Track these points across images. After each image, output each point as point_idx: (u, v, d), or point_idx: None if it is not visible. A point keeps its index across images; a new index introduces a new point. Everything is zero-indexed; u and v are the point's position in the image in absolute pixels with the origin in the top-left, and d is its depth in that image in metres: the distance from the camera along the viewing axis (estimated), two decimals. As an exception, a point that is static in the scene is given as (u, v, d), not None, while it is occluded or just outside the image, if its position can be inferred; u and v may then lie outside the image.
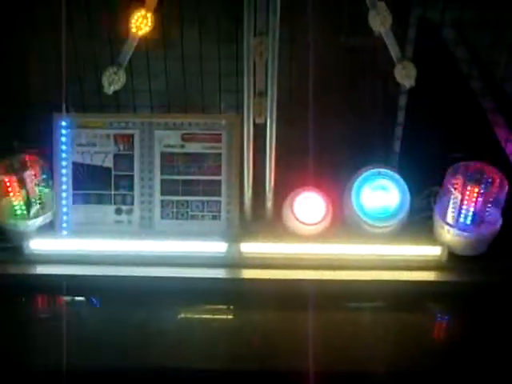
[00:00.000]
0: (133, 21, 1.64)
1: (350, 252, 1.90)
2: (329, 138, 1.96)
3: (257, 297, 1.87)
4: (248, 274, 1.90)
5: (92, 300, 1.94)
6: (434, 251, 1.87)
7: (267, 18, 1.65)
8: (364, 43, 1.81)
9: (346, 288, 1.88)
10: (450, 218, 1.87)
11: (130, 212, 1.92)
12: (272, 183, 1.91)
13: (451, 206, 1.86)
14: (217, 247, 1.89)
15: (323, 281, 1.88)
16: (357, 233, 1.91)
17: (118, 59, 1.71)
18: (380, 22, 1.66)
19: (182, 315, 1.86)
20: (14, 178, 1.90)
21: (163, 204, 1.91)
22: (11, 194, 1.92)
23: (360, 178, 1.89)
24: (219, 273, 1.90)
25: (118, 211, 1.92)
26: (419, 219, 1.96)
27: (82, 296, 1.92)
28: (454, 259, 1.88)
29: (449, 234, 1.86)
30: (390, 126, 1.95)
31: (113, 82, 1.71)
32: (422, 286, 1.86)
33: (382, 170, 1.89)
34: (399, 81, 1.73)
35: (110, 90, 1.73)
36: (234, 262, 1.90)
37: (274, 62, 1.71)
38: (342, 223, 1.94)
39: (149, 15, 1.65)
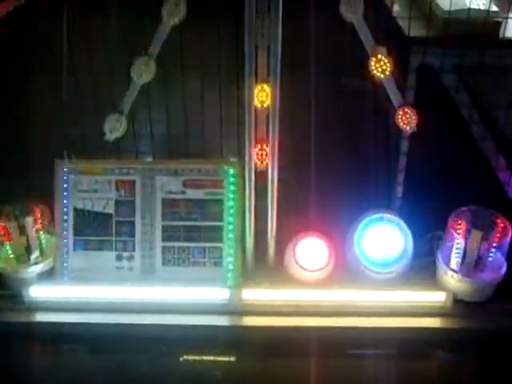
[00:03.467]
0: (135, 68, 1.65)
1: (353, 298, 1.88)
2: (331, 184, 1.97)
3: (258, 344, 1.85)
4: (249, 321, 1.88)
5: (92, 347, 1.92)
6: (438, 297, 1.85)
7: (268, 65, 1.66)
8: (365, 87, 1.81)
9: (350, 335, 1.86)
10: (453, 264, 1.85)
11: (130, 258, 1.90)
12: (274, 229, 1.89)
13: (455, 251, 1.85)
14: (218, 294, 1.88)
15: (326, 328, 1.86)
16: (360, 278, 1.89)
17: (119, 107, 1.71)
18: (380, 69, 1.67)
19: (184, 362, 1.84)
20: (15, 225, 1.89)
21: (164, 250, 1.90)
22: (12, 240, 1.91)
23: (362, 224, 1.88)
24: (221, 320, 1.88)
25: (119, 257, 1.90)
26: (422, 264, 1.94)
27: (82, 343, 1.90)
28: (459, 305, 1.86)
29: (453, 279, 1.84)
30: (391, 171, 1.95)
31: (114, 129, 1.71)
32: (427, 333, 1.84)
33: (384, 215, 1.88)
34: (400, 126, 1.73)
35: (111, 137, 1.73)
36: (236, 309, 1.88)
37: (275, 109, 1.71)
38: (345, 268, 1.92)
39: (151, 63, 1.66)
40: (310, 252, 1.90)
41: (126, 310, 1.89)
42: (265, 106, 1.70)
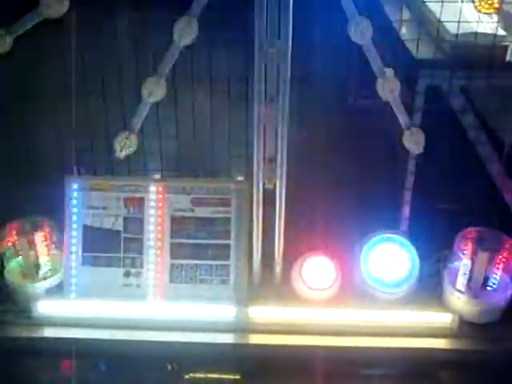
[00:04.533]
0: (145, 87, 1.67)
1: (359, 318, 1.88)
2: (338, 203, 1.98)
3: (264, 362, 1.86)
4: (255, 339, 1.89)
5: (99, 363, 1.93)
6: (444, 318, 1.85)
7: (278, 84, 1.67)
8: (373, 107, 1.82)
9: (355, 354, 1.86)
10: (460, 285, 1.85)
11: (138, 275, 1.91)
12: (281, 248, 1.90)
13: (461, 272, 1.85)
14: (225, 312, 1.88)
15: (331, 347, 1.86)
16: (366, 298, 1.90)
17: (130, 124, 1.73)
18: (388, 90, 1.68)
19: (189, 380, 1.84)
20: (25, 240, 1.91)
21: (172, 267, 1.91)
22: (21, 255, 1.92)
23: (369, 243, 1.89)
24: (227, 338, 1.89)
25: (127, 274, 1.91)
26: (429, 284, 1.95)
27: (88, 359, 1.91)
28: (466, 326, 1.86)
29: (459, 300, 1.84)
30: (399, 191, 1.96)
31: (124, 146, 1.73)
32: (433, 354, 1.84)
33: (390, 235, 1.89)
34: (407, 147, 1.75)
35: (121, 154, 1.75)
36: (243, 327, 1.89)
37: (284, 128, 1.73)
38: (352, 288, 1.93)
39: (162, 82, 1.68)
40: (317, 271, 1.90)
41: (133, 327, 1.89)
42: (273, 126, 1.72)
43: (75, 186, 1.91)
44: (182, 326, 1.89)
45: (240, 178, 1.92)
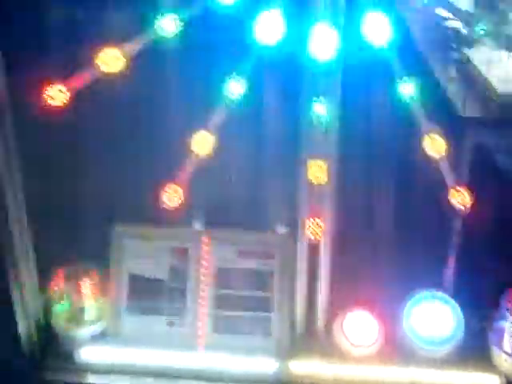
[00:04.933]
0: (194, 143, 1.71)
1: (402, 376, 1.86)
2: (382, 258, 1.97)
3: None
4: (296, 393, 1.88)
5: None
6: (490, 381, 1.82)
7: (325, 141, 1.69)
8: (419, 165, 1.81)
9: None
10: (507, 346, 1.82)
11: (182, 325, 1.93)
12: (324, 302, 1.90)
13: (508, 332, 1.82)
14: (266, 365, 1.88)
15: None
16: (409, 356, 1.88)
17: (178, 175, 1.76)
18: (435, 148, 1.68)
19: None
20: (71, 286, 1.95)
21: (215, 318, 1.92)
22: (67, 301, 1.96)
23: (413, 300, 1.88)
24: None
25: (171, 323, 1.93)
26: (474, 344, 1.91)
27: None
28: (513, 389, 1.82)
29: (506, 363, 1.81)
30: (444, 248, 1.94)
31: (172, 199, 1.76)
32: (478, 417, 1.80)
33: (435, 292, 1.88)
34: (453, 205, 1.74)
35: (168, 205, 1.78)
36: (283, 381, 1.88)
37: (330, 183, 1.74)
38: (395, 345, 1.91)
39: (210, 137, 1.71)
40: (360, 326, 1.89)
41: (174, 376, 1.90)
42: (320, 182, 1.73)
43: (122, 235, 1.95)
44: (222, 376, 1.90)
45: (285, 232, 1.93)
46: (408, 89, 1.63)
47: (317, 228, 1.80)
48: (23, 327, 1.87)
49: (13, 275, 1.80)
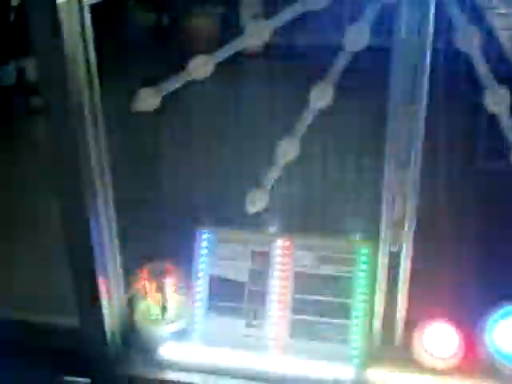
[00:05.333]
0: (280, 147, 1.73)
1: (482, 391, 1.82)
2: (464, 269, 1.94)
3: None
4: (372, 402, 1.87)
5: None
6: None
7: (410, 149, 1.69)
8: (502, 170, 1.78)
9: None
10: None
11: (260, 327, 1.95)
12: (403, 311, 1.89)
13: None
14: (343, 372, 1.88)
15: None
16: (491, 372, 1.84)
17: (262, 181, 1.80)
18: (497, 102, 1.63)
19: None
20: (154, 284, 2.00)
21: (293, 322, 1.94)
22: (149, 298, 2.01)
23: (496, 315, 1.84)
24: (344, 398, 1.88)
25: (249, 325, 1.96)
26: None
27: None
28: None
29: None
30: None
31: (255, 203, 1.79)
32: None
33: (520, 307, 1.84)
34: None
35: (252, 210, 1.81)
36: (360, 389, 1.88)
37: (414, 192, 1.74)
38: (475, 360, 1.87)
39: (295, 142, 1.73)
40: (440, 338, 1.87)
41: (251, 378, 1.93)
42: (403, 188, 1.73)
43: (205, 237, 1.99)
44: (297, 381, 1.91)
45: (366, 239, 1.93)
46: (498, 100, 1.61)
47: (398, 237, 1.80)
48: (108, 322, 1.94)
49: (100, 271, 1.86)
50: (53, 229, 2.02)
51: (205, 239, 1.99)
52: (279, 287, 1.95)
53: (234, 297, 1.97)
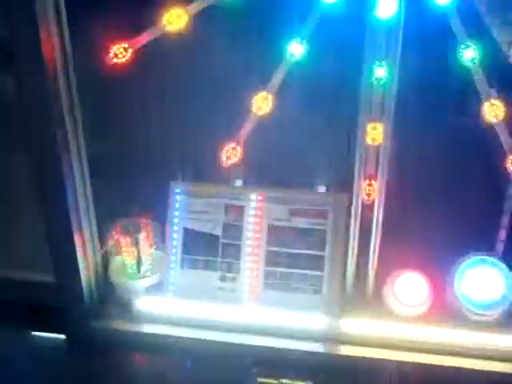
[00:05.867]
0: (255, 102, 1.73)
1: (449, 338, 1.89)
2: (433, 222, 1.98)
3: (351, 374, 1.89)
4: (345, 350, 1.92)
5: (187, 361, 2.01)
6: (539, 344, 1.84)
7: (382, 103, 1.70)
8: (476, 128, 1.81)
9: (442, 374, 1.87)
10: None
11: (234, 280, 1.98)
12: (375, 262, 1.93)
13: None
14: (316, 321, 1.93)
15: (420, 364, 1.88)
16: (458, 319, 1.90)
17: (236, 136, 1.80)
18: (493, 113, 1.68)
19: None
20: (128, 239, 2.01)
21: (267, 274, 1.97)
22: (124, 253, 2.03)
23: (464, 264, 1.90)
24: (315, 347, 1.93)
25: (223, 278, 1.99)
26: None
27: (179, 356, 2.00)
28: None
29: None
30: (496, 213, 1.95)
31: (230, 157, 1.80)
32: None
33: (486, 257, 1.89)
34: (509, 170, 1.74)
35: (227, 163, 1.81)
36: (332, 338, 1.93)
37: (386, 147, 1.76)
38: (444, 307, 1.94)
39: (269, 98, 1.73)
40: (410, 287, 1.92)
41: (224, 329, 1.97)
42: (376, 143, 1.75)
43: (178, 191, 2.00)
44: (271, 332, 1.95)
45: (338, 192, 1.95)
46: (469, 53, 1.63)
47: (371, 189, 1.83)
48: (84, 278, 1.94)
49: (75, 227, 1.86)
50: (25, 187, 2.01)
51: (178, 193, 2.00)
52: (252, 240, 1.97)
53: (207, 250, 1.99)
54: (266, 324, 1.96)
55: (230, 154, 1.80)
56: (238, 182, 2.03)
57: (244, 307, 1.97)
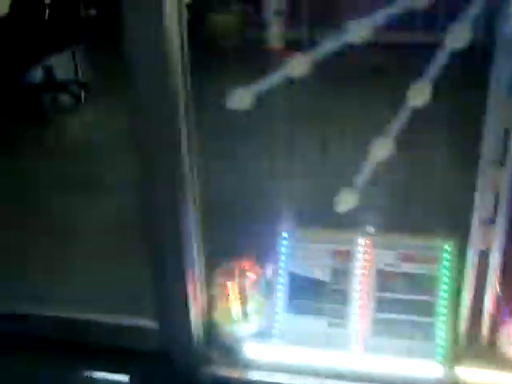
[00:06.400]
0: (373, 147, 1.73)
1: None
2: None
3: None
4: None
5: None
6: None
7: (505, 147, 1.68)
8: None
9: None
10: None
11: (342, 326, 1.96)
12: (490, 310, 1.89)
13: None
14: (429, 369, 1.89)
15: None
16: None
17: (354, 183, 1.79)
18: None
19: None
20: (234, 284, 2.00)
21: (376, 321, 1.94)
22: (230, 298, 2.01)
23: None
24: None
25: (331, 324, 1.96)
26: None
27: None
28: None
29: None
30: None
31: (346, 202, 1.79)
32: None
33: None
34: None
35: (341, 209, 1.81)
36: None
37: (507, 190, 1.74)
38: None
39: (389, 142, 1.73)
40: (525, 335, 1.88)
41: (333, 376, 1.93)
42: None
43: (286, 236, 1.99)
44: (383, 379, 1.91)
45: (449, 237, 1.93)
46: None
47: (488, 236, 1.80)
48: (193, 324, 1.93)
49: (189, 273, 1.86)
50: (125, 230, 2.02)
51: (286, 239, 1.99)
52: (361, 285, 1.95)
53: (315, 296, 1.98)
54: (376, 371, 1.92)
55: (347, 199, 1.79)
56: (347, 228, 2.01)
57: (352, 353, 1.94)
